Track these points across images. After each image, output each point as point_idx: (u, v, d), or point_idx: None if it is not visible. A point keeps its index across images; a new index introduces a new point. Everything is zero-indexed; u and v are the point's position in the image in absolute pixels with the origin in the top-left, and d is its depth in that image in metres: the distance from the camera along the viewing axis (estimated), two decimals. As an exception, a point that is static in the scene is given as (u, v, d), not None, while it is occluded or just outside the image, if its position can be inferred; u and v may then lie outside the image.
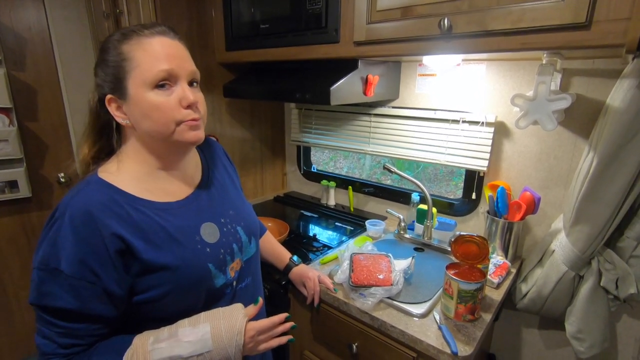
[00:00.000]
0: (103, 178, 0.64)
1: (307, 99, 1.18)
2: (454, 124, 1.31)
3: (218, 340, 0.63)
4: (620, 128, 0.89)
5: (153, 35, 0.63)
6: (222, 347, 0.63)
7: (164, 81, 0.62)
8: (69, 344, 0.59)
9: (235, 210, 0.80)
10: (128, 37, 0.63)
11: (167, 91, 0.62)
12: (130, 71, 0.62)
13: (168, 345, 0.61)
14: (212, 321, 0.65)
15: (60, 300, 0.57)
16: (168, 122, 0.63)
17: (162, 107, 0.62)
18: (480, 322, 0.94)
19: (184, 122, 0.64)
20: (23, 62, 1.66)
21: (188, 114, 0.64)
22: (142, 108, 0.62)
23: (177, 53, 0.64)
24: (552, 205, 1.20)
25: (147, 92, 0.62)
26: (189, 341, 0.62)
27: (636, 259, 1.01)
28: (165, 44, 0.63)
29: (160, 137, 0.64)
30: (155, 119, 0.62)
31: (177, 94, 0.63)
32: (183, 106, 0.63)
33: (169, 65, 0.62)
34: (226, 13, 1.42)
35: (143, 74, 0.61)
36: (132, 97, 0.62)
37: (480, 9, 0.83)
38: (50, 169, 1.80)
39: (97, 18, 1.69)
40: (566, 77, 1.09)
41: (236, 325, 0.65)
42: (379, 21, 1.01)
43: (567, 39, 0.75)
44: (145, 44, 0.62)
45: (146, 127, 0.64)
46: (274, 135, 1.92)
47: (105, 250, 0.58)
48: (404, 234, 1.39)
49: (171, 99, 0.62)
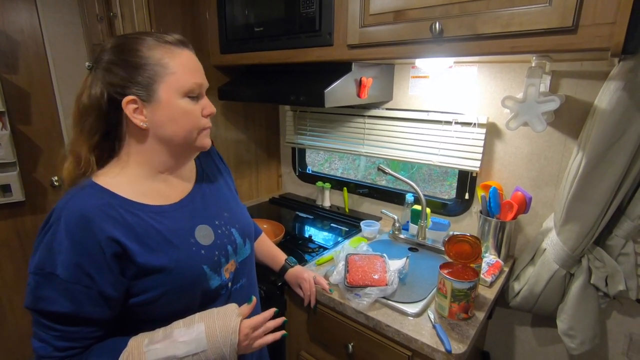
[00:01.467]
0: (97, 182, 0.64)
1: (301, 102, 1.19)
2: (447, 125, 1.32)
3: (213, 339, 0.64)
4: (607, 129, 0.91)
5: (182, 48, 0.68)
6: (217, 346, 0.64)
7: (195, 92, 0.68)
8: (65, 347, 0.60)
9: (229, 212, 0.80)
10: (159, 44, 0.65)
11: (193, 100, 0.69)
12: (164, 76, 0.65)
13: (163, 346, 0.61)
14: (206, 321, 0.65)
15: (55, 304, 0.57)
16: (193, 128, 0.69)
17: (191, 114, 0.68)
18: (473, 321, 0.95)
19: (204, 129, 0.71)
20: (15, 65, 1.65)
21: (207, 122, 0.72)
22: (172, 113, 0.66)
23: (201, 69, 0.71)
24: (543, 204, 1.22)
25: (179, 99, 0.66)
26: (183, 341, 0.62)
27: (625, 256, 1.03)
28: (192, 59, 0.70)
29: (181, 141, 0.69)
30: (182, 124, 0.67)
31: (201, 104, 0.70)
32: (204, 115, 0.71)
33: (201, 80, 0.70)
34: (220, 16, 1.43)
35: (178, 82, 0.66)
36: (162, 101, 0.65)
37: (470, 13, 0.85)
38: (44, 173, 1.79)
39: (91, 21, 1.69)
40: (555, 79, 1.11)
41: (230, 324, 0.66)
42: (372, 25, 1.02)
43: (555, 42, 0.77)
44: (177, 54, 0.67)
45: (170, 131, 0.67)
46: (268, 137, 1.93)
47: (102, 253, 0.59)
48: (399, 234, 1.40)
49: (197, 108, 0.69)
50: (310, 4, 1.14)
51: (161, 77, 0.64)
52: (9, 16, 1.61)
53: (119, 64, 0.64)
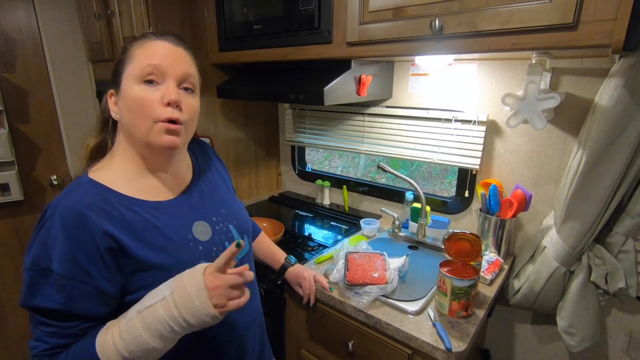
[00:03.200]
0: (94, 178, 0.64)
1: (300, 100, 1.18)
2: (447, 122, 1.32)
3: (178, 281, 0.59)
4: (607, 126, 0.91)
5: (157, 39, 0.67)
6: (181, 286, 0.58)
7: (150, 76, 0.63)
8: (58, 345, 0.59)
9: (227, 209, 0.80)
10: (137, 39, 0.67)
11: (152, 87, 0.64)
12: (127, 66, 0.65)
13: (134, 309, 0.59)
14: (173, 278, 0.61)
15: (50, 300, 0.57)
16: (146, 117, 0.63)
17: (144, 101, 0.63)
18: (473, 318, 0.95)
19: (161, 120, 0.63)
20: (13, 64, 1.64)
21: (167, 112, 0.63)
22: (127, 101, 0.64)
23: (172, 54, 0.66)
24: (543, 202, 1.22)
25: (134, 86, 0.64)
26: (152, 294, 0.59)
27: (625, 254, 1.03)
28: (165, 47, 0.66)
29: (137, 134, 0.64)
30: (135, 111, 0.63)
31: (161, 91, 0.63)
32: (164, 103, 0.63)
33: (158, 61, 0.64)
34: (219, 14, 1.42)
35: (134, 68, 0.64)
36: (122, 90, 0.65)
37: (470, 10, 0.84)
38: (43, 172, 1.78)
39: (89, 19, 1.68)
40: (555, 76, 1.11)
41: (196, 269, 0.60)
42: (371, 22, 1.02)
43: (556, 39, 0.77)
44: (147, 44, 0.66)
45: (127, 122, 0.65)
46: (268, 135, 1.93)
47: (96, 248, 0.58)
48: (398, 232, 1.40)
49: (154, 95, 0.63)
50: (309, 1, 1.14)
51: (125, 66, 0.65)
52: (7, 15, 1.60)
53: (114, 64, 0.69)
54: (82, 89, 1.87)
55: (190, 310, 0.56)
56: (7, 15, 1.60)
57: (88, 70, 1.88)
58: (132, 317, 0.58)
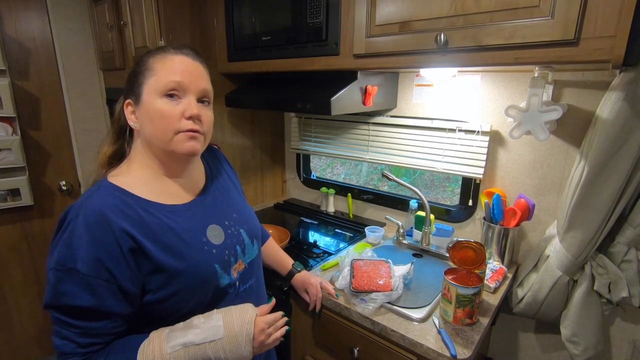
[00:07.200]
0: (113, 182, 0.67)
1: (308, 109, 1.21)
2: (451, 132, 1.34)
3: (229, 327, 0.67)
4: (609, 138, 0.93)
5: (177, 54, 0.70)
6: (233, 334, 0.67)
7: (173, 91, 0.67)
8: (88, 343, 0.61)
9: (238, 214, 0.83)
10: (156, 52, 0.70)
11: (174, 101, 0.68)
12: (148, 78, 0.68)
13: (182, 333, 0.65)
14: (224, 313, 0.69)
15: (77, 299, 0.59)
16: (167, 129, 0.67)
17: (166, 115, 0.67)
18: (478, 326, 0.96)
19: (182, 131, 0.67)
20: (27, 72, 1.68)
21: (188, 124, 0.68)
22: (149, 113, 0.67)
23: (192, 70, 0.70)
24: (546, 211, 1.23)
25: (157, 99, 0.67)
26: (202, 329, 0.66)
27: (627, 263, 1.04)
28: (184, 62, 0.69)
29: (158, 143, 0.69)
30: (157, 124, 0.67)
31: (183, 105, 0.68)
32: (185, 117, 0.67)
33: (180, 78, 0.68)
34: (228, 25, 1.46)
35: (157, 83, 0.67)
36: (143, 102, 0.68)
37: (474, 25, 0.87)
38: (52, 177, 1.82)
39: (101, 29, 1.73)
40: (557, 88, 1.13)
41: (247, 315, 0.70)
42: (378, 35, 1.05)
43: (557, 54, 0.79)
44: (167, 59, 0.69)
45: (148, 132, 0.69)
46: (274, 143, 1.96)
47: (119, 248, 0.61)
48: (403, 240, 1.42)
49: (176, 109, 0.67)
50: (317, 14, 1.17)
51: (146, 79, 0.68)
52: (22, 25, 1.65)
53: (129, 74, 0.73)
54: (93, 96, 1.91)
55: (234, 355, 0.67)
56: (22, 25, 1.65)
57: (99, 78, 1.92)
58: (178, 350, 0.64)
